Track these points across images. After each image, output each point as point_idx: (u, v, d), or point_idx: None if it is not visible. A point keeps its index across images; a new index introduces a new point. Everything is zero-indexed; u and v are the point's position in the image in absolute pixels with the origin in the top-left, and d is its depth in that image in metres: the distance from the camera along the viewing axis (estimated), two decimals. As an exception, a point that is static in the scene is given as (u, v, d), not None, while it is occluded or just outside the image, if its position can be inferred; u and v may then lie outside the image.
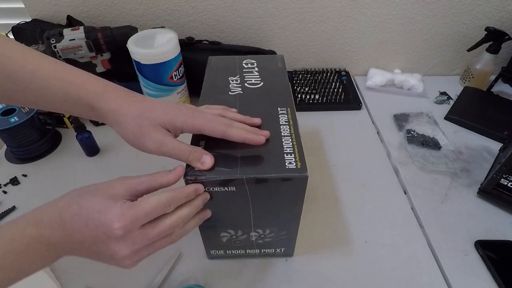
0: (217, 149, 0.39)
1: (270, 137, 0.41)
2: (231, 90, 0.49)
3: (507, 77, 0.86)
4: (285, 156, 0.38)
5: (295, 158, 0.38)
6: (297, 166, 0.37)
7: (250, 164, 0.38)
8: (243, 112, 0.44)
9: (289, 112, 0.45)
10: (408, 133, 0.73)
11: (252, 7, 0.82)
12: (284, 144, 0.40)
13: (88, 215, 0.31)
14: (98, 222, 0.30)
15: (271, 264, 0.51)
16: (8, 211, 0.58)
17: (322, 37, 0.88)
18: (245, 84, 0.50)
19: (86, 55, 0.67)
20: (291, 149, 0.40)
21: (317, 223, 0.57)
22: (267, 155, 0.39)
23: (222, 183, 0.37)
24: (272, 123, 0.43)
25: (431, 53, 0.92)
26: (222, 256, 0.51)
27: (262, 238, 0.47)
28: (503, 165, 0.56)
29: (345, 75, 0.91)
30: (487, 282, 0.50)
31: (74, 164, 0.68)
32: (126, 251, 0.31)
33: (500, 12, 0.83)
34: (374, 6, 0.82)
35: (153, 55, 0.64)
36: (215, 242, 0.48)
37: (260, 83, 0.51)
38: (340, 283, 0.50)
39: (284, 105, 0.47)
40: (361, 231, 0.56)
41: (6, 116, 0.63)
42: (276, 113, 0.45)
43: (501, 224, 0.57)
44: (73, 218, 0.31)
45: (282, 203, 0.41)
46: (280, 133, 0.42)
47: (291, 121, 0.44)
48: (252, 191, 0.38)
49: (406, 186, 0.64)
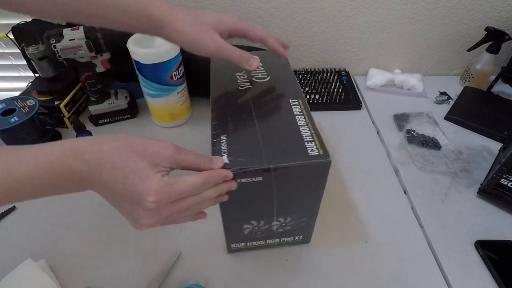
0: (239, 143, 0.40)
1: (287, 127, 0.43)
2: (240, 85, 0.50)
3: (507, 77, 0.86)
4: (306, 144, 0.40)
5: (316, 146, 0.40)
6: (319, 152, 0.39)
7: (275, 154, 0.39)
8: (257, 104, 0.46)
9: (301, 103, 0.47)
10: (408, 133, 0.73)
11: (252, 7, 0.82)
12: (302, 133, 0.42)
13: (128, 175, 0.31)
14: (135, 187, 0.31)
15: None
16: (8, 211, 0.58)
17: (322, 37, 0.88)
18: (252, 79, 0.52)
19: (86, 55, 0.67)
20: (310, 137, 0.41)
21: (317, 223, 0.57)
22: (288, 144, 0.40)
23: (249, 173, 0.38)
24: (287, 114, 0.45)
25: (431, 53, 0.92)
26: (242, 249, 0.52)
27: (283, 226, 0.48)
28: (503, 165, 0.56)
29: (345, 75, 0.91)
30: (487, 282, 0.50)
31: (74, 164, 0.68)
32: (150, 220, 0.33)
33: (500, 12, 0.83)
34: (374, 6, 0.82)
35: (153, 55, 0.64)
36: (237, 235, 0.48)
37: (267, 77, 0.52)
38: (340, 283, 0.50)
39: (295, 96, 0.48)
40: (361, 231, 0.56)
41: (6, 116, 0.63)
42: (288, 104, 0.47)
43: (501, 224, 0.57)
44: (113, 169, 0.31)
45: (305, 190, 0.42)
46: (296, 123, 0.43)
47: (304, 111, 0.46)
48: (277, 180, 0.39)
49: (406, 186, 0.64)
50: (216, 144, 0.40)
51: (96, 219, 0.57)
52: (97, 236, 0.55)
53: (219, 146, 0.39)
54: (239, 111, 0.45)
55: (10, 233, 0.56)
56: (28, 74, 0.98)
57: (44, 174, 0.31)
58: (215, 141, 0.40)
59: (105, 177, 0.32)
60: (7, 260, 0.50)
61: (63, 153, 0.31)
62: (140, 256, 0.52)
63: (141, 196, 0.31)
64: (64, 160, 0.31)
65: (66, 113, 0.74)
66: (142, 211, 0.32)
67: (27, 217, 0.58)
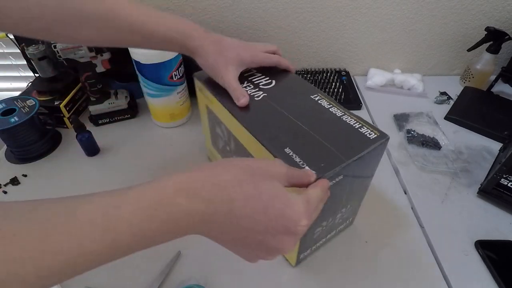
0: (306, 150, 0.39)
1: (332, 121, 0.43)
2: (255, 96, 0.48)
3: (507, 77, 0.86)
4: (361, 130, 0.41)
5: (369, 129, 0.42)
6: (376, 134, 0.41)
7: (345, 148, 0.39)
8: (286, 108, 0.45)
9: (324, 96, 0.47)
10: (408, 133, 0.73)
11: (252, 7, 0.82)
12: (348, 122, 0.43)
13: (269, 202, 0.28)
14: (282, 213, 0.28)
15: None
16: (8, 211, 0.58)
17: (322, 37, 0.88)
18: (260, 86, 0.50)
19: (86, 55, 0.67)
20: (358, 124, 0.43)
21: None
22: (347, 136, 0.41)
23: (335, 175, 0.37)
24: (320, 110, 0.45)
25: (431, 53, 0.92)
26: (308, 256, 0.50)
27: (342, 215, 0.48)
28: (503, 165, 0.56)
29: (345, 75, 0.91)
30: (487, 282, 0.50)
31: (74, 164, 0.68)
32: (292, 244, 0.30)
33: (500, 12, 0.83)
34: (374, 6, 0.82)
35: (153, 55, 0.64)
36: (308, 243, 0.47)
37: (272, 83, 0.51)
38: (340, 283, 0.50)
39: (313, 92, 0.48)
40: (361, 231, 0.56)
41: (6, 116, 0.63)
42: (313, 101, 0.47)
43: (501, 224, 0.57)
44: (247, 200, 0.27)
45: (368, 172, 0.44)
46: (335, 114, 0.44)
47: (333, 103, 0.46)
48: (353, 172, 0.40)
49: (406, 186, 0.64)
50: (288, 158, 0.38)
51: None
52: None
53: (292, 159, 0.38)
54: (276, 120, 0.43)
55: (10, 233, 0.56)
56: (28, 74, 0.98)
57: (153, 216, 0.25)
58: (283, 156, 0.38)
59: (236, 212, 0.27)
60: (7, 260, 0.49)
61: (170, 191, 0.26)
62: (140, 256, 0.52)
63: (292, 222, 0.28)
64: (174, 200, 0.26)
65: (66, 113, 0.74)
66: (286, 238, 0.29)
67: (27, 217, 0.58)
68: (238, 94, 0.46)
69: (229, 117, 0.46)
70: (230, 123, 0.47)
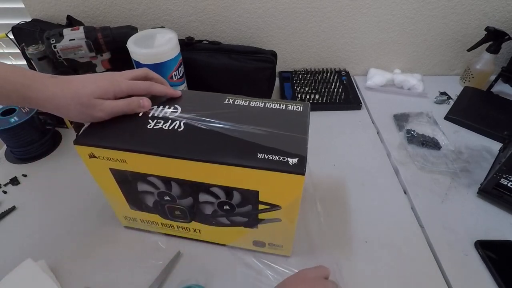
0: (271, 148, 0.40)
1: (262, 114, 0.44)
2: (176, 127, 0.43)
3: (507, 77, 0.86)
4: (289, 109, 0.46)
5: (293, 104, 0.47)
6: (300, 105, 0.47)
7: (295, 129, 0.43)
8: (214, 123, 0.43)
9: (234, 96, 0.48)
10: (408, 133, 0.73)
11: (252, 7, 0.82)
12: (274, 107, 0.46)
13: None
14: None
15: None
16: (8, 211, 0.58)
17: (322, 37, 0.88)
18: (171, 117, 0.44)
19: (86, 55, 0.67)
20: (282, 105, 0.47)
21: (317, 223, 0.57)
22: (284, 120, 0.44)
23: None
24: (243, 109, 0.46)
25: (431, 53, 0.92)
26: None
27: None
28: (503, 165, 0.56)
29: (345, 75, 0.91)
30: (487, 282, 0.50)
31: (74, 164, 0.67)
32: None
33: (500, 12, 0.83)
34: (374, 6, 0.82)
35: (153, 55, 0.64)
36: None
37: (178, 109, 0.46)
38: (340, 283, 0.49)
39: (223, 97, 0.48)
40: (361, 231, 0.56)
41: (6, 116, 0.63)
42: (231, 105, 0.47)
43: (501, 224, 0.57)
44: None
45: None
46: (258, 107, 0.46)
47: (245, 98, 0.48)
48: None
49: (406, 186, 0.64)
50: (265, 162, 0.39)
51: (96, 219, 0.57)
52: (97, 236, 0.55)
53: (271, 159, 0.39)
54: (215, 138, 0.42)
55: (10, 233, 0.56)
56: (28, 74, 0.98)
57: None
58: (260, 162, 0.38)
59: None
60: (7, 260, 0.50)
61: None
62: (140, 256, 0.52)
63: None
64: None
65: (66, 113, 0.74)
66: None
67: (27, 217, 0.58)
68: (134, 104, 0.43)
69: (163, 162, 0.40)
70: (166, 167, 0.41)
